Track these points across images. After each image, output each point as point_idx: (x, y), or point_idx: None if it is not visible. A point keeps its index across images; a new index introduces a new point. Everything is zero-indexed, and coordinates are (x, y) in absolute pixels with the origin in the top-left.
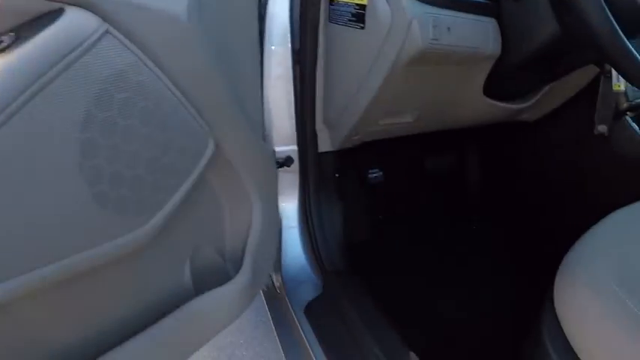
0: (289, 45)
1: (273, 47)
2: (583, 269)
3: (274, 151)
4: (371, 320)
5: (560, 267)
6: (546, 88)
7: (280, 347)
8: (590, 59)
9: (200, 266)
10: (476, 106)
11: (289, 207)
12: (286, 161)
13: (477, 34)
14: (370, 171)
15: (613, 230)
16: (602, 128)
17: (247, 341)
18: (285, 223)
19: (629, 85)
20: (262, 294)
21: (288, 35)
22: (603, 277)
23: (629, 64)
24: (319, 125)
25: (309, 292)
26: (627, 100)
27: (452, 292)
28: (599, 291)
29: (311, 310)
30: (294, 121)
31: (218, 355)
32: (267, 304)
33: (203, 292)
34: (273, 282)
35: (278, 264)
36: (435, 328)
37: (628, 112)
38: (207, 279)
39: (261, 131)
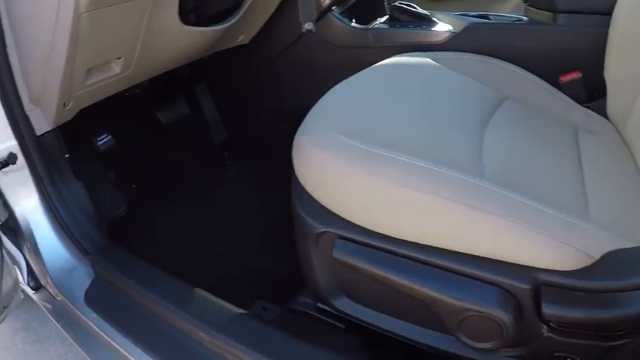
0: None
1: None
2: (310, 132)
3: None
4: (150, 280)
5: (294, 142)
6: (246, 6)
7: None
8: None
9: None
10: (178, 37)
11: (31, 204)
12: (9, 159)
13: None
14: (98, 138)
15: (331, 100)
16: (308, 25)
17: None
18: (32, 222)
19: None
20: (49, 314)
21: None
22: (326, 132)
23: None
24: (28, 106)
25: (82, 281)
26: None
27: (221, 231)
28: (325, 143)
29: (91, 298)
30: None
31: None
32: (56, 320)
33: None
34: (50, 292)
35: (43, 269)
36: (211, 265)
37: (333, 7)
38: None
39: None
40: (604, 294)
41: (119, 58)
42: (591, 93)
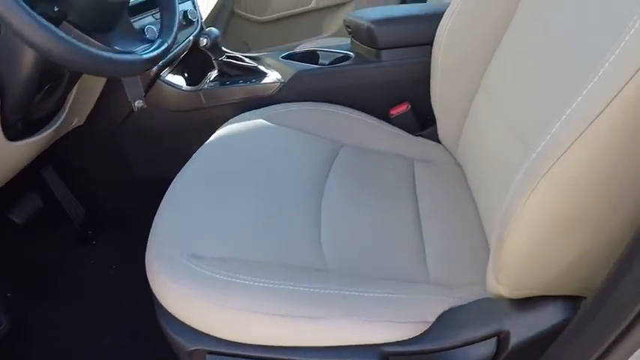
0: None
1: None
2: (157, 257)
3: None
4: None
5: (146, 262)
6: (69, 103)
7: None
8: None
9: None
10: (9, 155)
11: None
12: None
13: None
14: None
15: (172, 208)
16: (138, 103)
17: None
18: None
19: None
20: None
21: None
22: (171, 257)
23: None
24: None
25: None
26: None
27: (106, 324)
28: (171, 272)
29: None
30: None
31: None
32: None
33: None
34: None
35: None
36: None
37: (161, 74)
38: None
39: None
40: (441, 352)
41: None
42: (422, 122)
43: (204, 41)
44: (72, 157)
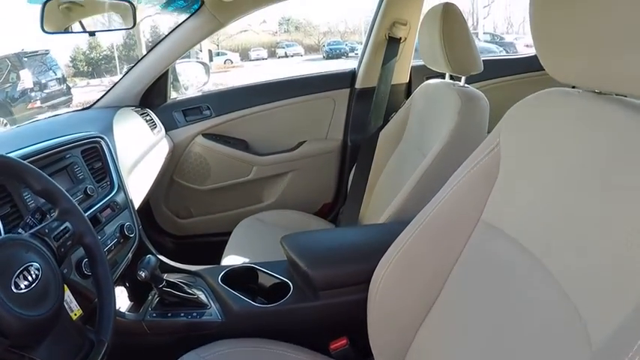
0: None
1: None
2: None
3: None
4: None
5: None
6: None
7: None
8: None
9: None
10: None
11: None
12: None
13: None
14: None
15: None
16: None
17: None
18: None
19: None
20: None
21: None
22: None
23: None
24: None
25: None
26: None
27: None
28: None
29: None
30: None
31: None
32: None
33: None
34: None
35: None
36: None
37: None
38: None
39: None
40: None
41: None
42: (362, 354)
43: (142, 275)
44: None
